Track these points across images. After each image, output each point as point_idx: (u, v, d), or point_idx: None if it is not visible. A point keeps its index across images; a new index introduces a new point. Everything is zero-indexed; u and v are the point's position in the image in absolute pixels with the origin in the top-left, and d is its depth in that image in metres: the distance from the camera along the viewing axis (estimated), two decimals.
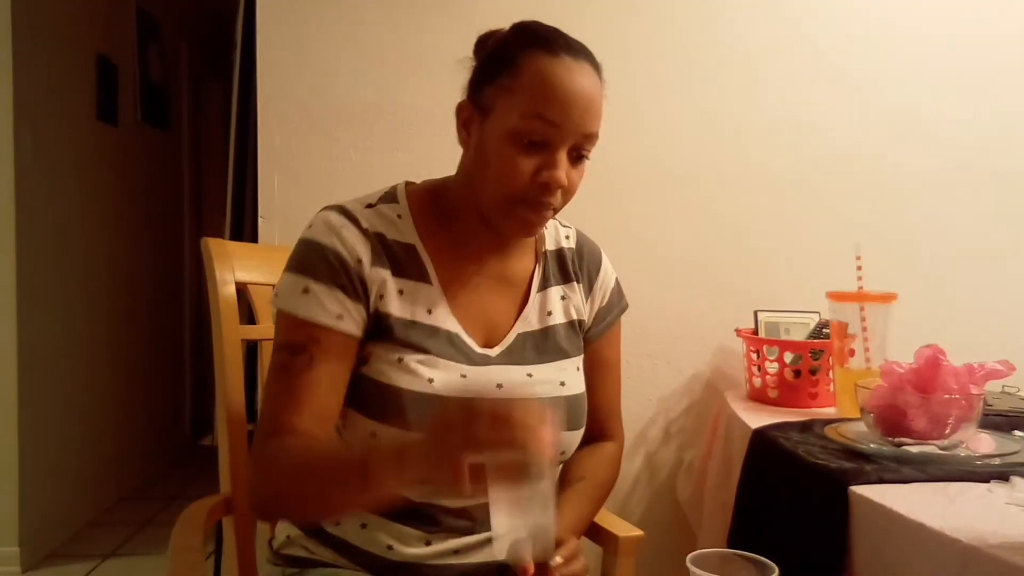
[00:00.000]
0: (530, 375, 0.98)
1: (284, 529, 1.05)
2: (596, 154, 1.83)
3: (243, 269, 1.30)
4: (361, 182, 1.04)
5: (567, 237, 1.09)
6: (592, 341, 1.10)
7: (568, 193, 0.94)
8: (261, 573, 1.14)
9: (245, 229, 2.16)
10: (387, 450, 0.78)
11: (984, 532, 0.84)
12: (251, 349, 1.55)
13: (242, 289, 1.30)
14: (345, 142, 1.74)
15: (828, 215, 1.90)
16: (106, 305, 3.34)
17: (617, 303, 1.12)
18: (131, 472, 3.58)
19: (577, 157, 0.93)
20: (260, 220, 1.71)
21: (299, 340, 0.90)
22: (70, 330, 3.03)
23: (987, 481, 1.03)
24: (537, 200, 0.91)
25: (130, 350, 3.60)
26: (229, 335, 1.25)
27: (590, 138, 0.92)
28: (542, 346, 1.01)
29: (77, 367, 3.09)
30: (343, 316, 0.91)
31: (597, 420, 1.11)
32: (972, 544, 0.82)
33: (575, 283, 1.07)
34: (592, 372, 1.09)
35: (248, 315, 1.37)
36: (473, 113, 0.94)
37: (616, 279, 1.13)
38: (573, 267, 1.08)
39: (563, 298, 1.06)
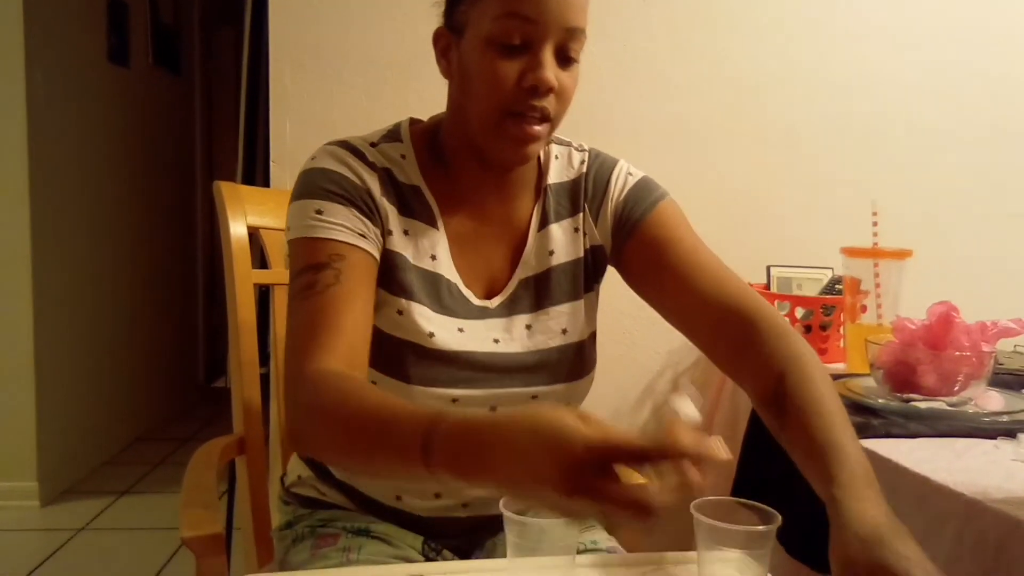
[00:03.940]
0: (529, 326, 0.93)
1: (296, 469, 1.05)
2: (609, 108, 1.82)
3: (255, 213, 1.30)
4: (372, 128, 1.01)
5: (581, 162, 0.98)
6: (632, 241, 0.94)
7: (562, 99, 0.84)
8: (273, 511, 1.16)
9: (257, 174, 2.15)
10: (463, 435, 0.61)
11: (989, 487, 0.85)
12: (263, 293, 1.56)
13: (254, 233, 1.30)
14: (357, 87, 1.72)
15: (844, 170, 1.87)
16: (120, 249, 3.36)
17: (644, 196, 0.96)
18: (146, 413, 3.65)
19: (565, 59, 0.83)
20: (272, 165, 1.70)
21: (320, 259, 0.81)
22: (84, 273, 3.05)
23: (994, 438, 1.03)
24: (527, 107, 0.82)
25: (143, 294, 3.62)
26: (241, 279, 1.26)
27: (574, 34, 0.82)
28: (543, 291, 0.94)
29: (92, 310, 3.13)
30: (366, 235, 0.85)
31: (723, 309, 0.89)
32: (976, 498, 0.83)
33: (583, 211, 0.96)
34: (669, 268, 0.92)
35: (260, 259, 1.38)
36: (449, 38, 0.87)
37: (642, 177, 0.98)
38: (584, 193, 0.97)
39: (576, 230, 0.96)
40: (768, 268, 1.73)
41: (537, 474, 0.55)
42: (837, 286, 1.64)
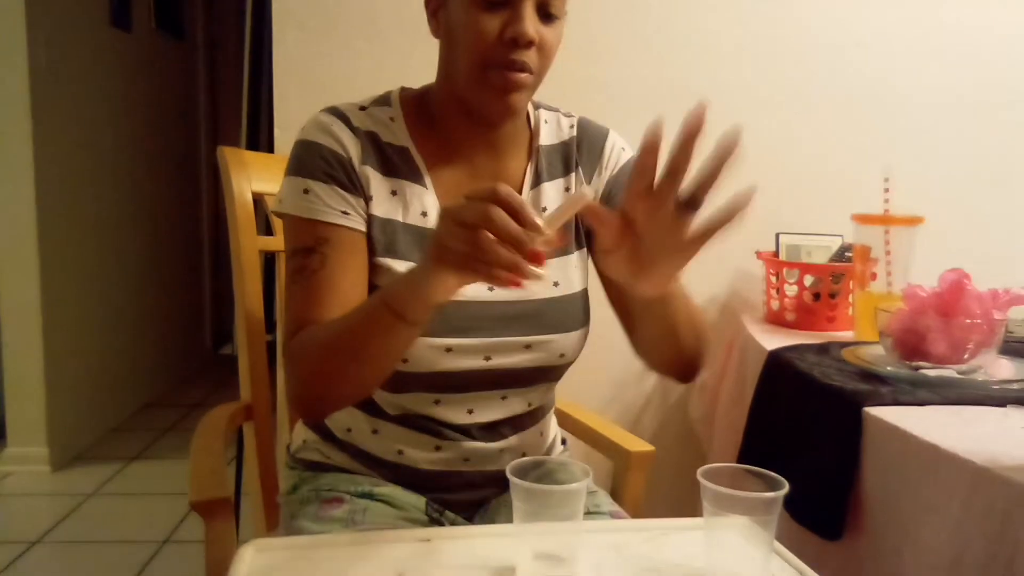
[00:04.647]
0: None
1: (301, 433, 1.07)
2: (617, 72, 1.79)
3: (260, 179, 1.29)
4: (378, 91, 1.01)
5: (571, 127, 1.03)
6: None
7: (544, 53, 0.88)
8: (280, 479, 1.17)
9: (261, 139, 2.14)
10: (402, 276, 0.80)
11: (998, 454, 0.85)
12: (268, 260, 1.55)
13: (259, 199, 1.29)
14: (362, 51, 1.69)
15: (855, 136, 1.85)
16: (125, 215, 3.35)
17: None
18: (153, 380, 3.67)
19: (546, 15, 0.87)
20: (276, 130, 1.69)
21: (308, 243, 0.90)
22: (90, 240, 3.05)
23: (1004, 406, 1.03)
24: (508, 59, 0.86)
25: (149, 261, 3.63)
26: (247, 245, 1.25)
27: None
28: None
29: (98, 277, 3.13)
30: (348, 212, 0.91)
31: None
32: (985, 465, 0.83)
33: (575, 172, 1.01)
34: None
35: (265, 226, 1.37)
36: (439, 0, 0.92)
37: (632, 157, 1.03)
38: (575, 156, 1.02)
39: (567, 190, 1.00)
40: (777, 235, 1.72)
41: (441, 259, 0.71)
42: (847, 253, 1.63)
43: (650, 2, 1.76)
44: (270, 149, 1.75)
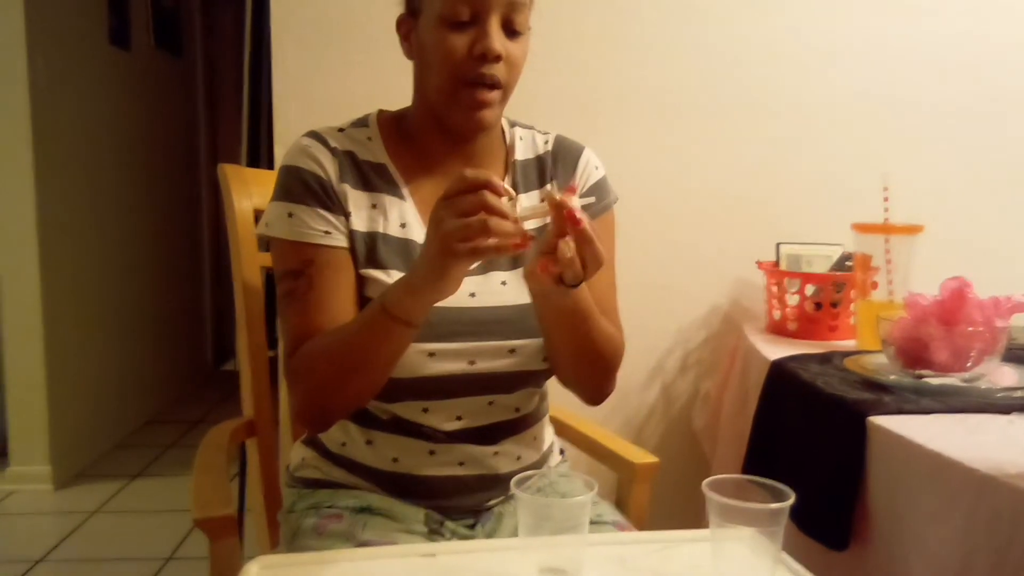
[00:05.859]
0: (504, 283, 0.98)
1: (298, 452, 1.08)
2: (617, 82, 1.80)
3: (260, 196, 1.29)
4: (376, 106, 1.03)
5: (545, 143, 1.07)
6: None
7: (511, 66, 0.93)
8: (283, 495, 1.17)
9: (261, 156, 2.15)
10: (398, 283, 0.84)
11: (1003, 462, 0.85)
12: (270, 276, 1.55)
13: (259, 216, 1.29)
14: (361, 66, 1.70)
15: (854, 146, 1.85)
16: (125, 233, 3.36)
17: (600, 197, 1.05)
18: (155, 397, 3.67)
19: (511, 31, 0.92)
20: (276, 146, 1.69)
21: (295, 266, 0.94)
22: (90, 258, 3.06)
23: (1008, 413, 1.03)
24: (478, 74, 0.91)
25: (150, 278, 3.63)
26: (248, 262, 1.25)
27: (516, 7, 0.91)
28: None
29: (99, 294, 3.13)
30: (330, 231, 0.94)
31: None
32: (990, 474, 0.83)
33: (550, 184, 1.05)
34: None
35: (266, 242, 1.37)
36: (410, 23, 0.96)
37: (603, 176, 1.08)
38: (549, 170, 1.06)
39: (542, 201, 1.00)
40: (778, 245, 1.72)
41: (451, 253, 0.75)
42: (847, 263, 1.63)
43: (644, 12, 1.77)
44: (270, 166, 1.76)
